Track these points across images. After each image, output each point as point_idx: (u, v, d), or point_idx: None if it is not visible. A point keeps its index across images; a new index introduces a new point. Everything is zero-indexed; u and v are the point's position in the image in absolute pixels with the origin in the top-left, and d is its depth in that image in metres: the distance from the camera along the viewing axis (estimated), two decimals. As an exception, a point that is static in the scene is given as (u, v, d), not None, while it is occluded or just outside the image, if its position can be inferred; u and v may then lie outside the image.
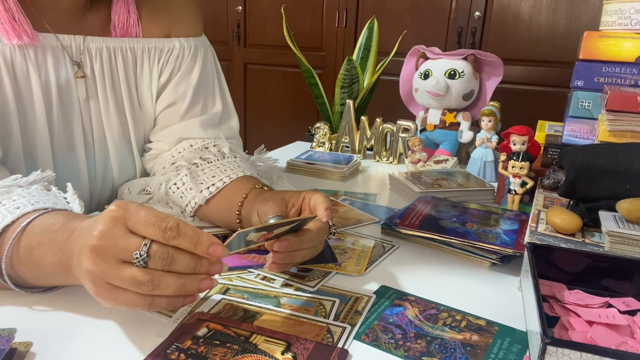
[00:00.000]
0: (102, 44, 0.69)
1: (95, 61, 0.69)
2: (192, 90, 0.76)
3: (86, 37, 0.68)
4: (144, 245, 0.40)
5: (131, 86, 0.73)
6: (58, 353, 0.42)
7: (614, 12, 0.79)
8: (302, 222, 0.52)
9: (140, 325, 0.47)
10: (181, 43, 0.75)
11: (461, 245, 0.64)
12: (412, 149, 0.99)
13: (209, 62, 0.79)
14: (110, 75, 0.71)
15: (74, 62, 0.67)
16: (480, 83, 1.09)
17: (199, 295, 0.50)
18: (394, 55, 1.31)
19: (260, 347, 0.43)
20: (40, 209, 0.49)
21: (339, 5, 2.51)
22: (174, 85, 0.75)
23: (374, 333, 0.47)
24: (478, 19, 2.24)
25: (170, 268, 0.41)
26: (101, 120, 0.71)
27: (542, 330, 0.38)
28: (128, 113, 0.73)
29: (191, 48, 0.76)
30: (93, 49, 0.69)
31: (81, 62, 0.68)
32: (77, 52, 0.68)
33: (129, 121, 0.73)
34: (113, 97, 0.71)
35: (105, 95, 0.70)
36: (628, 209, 0.53)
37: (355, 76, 1.25)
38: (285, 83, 2.71)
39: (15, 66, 0.63)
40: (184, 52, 0.76)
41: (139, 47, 0.72)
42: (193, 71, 0.76)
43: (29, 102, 0.65)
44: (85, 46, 0.68)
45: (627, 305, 0.49)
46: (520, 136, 0.77)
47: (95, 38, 0.69)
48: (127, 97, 0.72)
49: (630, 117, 0.68)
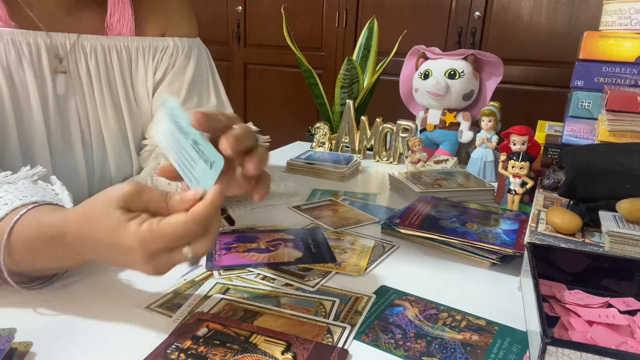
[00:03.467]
0: (96, 42, 0.71)
1: (90, 59, 0.70)
2: (186, 87, 0.77)
3: (80, 35, 0.69)
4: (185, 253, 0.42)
5: (127, 83, 0.74)
6: (58, 353, 0.42)
7: (614, 12, 0.79)
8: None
9: (140, 325, 0.47)
10: (175, 42, 0.77)
11: (461, 245, 0.64)
12: (412, 149, 0.99)
13: (203, 61, 0.81)
14: (106, 73, 0.72)
15: (56, 57, 0.68)
16: (480, 83, 1.09)
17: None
18: (394, 55, 1.31)
19: (260, 347, 0.43)
20: (28, 203, 0.48)
21: (339, 5, 2.51)
22: (169, 82, 0.76)
23: (374, 333, 0.47)
24: (478, 19, 2.24)
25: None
26: (98, 118, 0.72)
27: (542, 330, 0.38)
28: (125, 110, 0.74)
29: (185, 47, 0.78)
30: (87, 47, 0.70)
31: (65, 58, 0.68)
32: (63, 49, 0.68)
33: (126, 118, 0.74)
34: (109, 95, 0.72)
35: (102, 92, 0.71)
36: (628, 209, 0.53)
37: (355, 76, 1.25)
38: (285, 83, 2.71)
39: (10, 66, 0.64)
40: (177, 51, 0.77)
41: (134, 45, 0.74)
42: (187, 69, 0.78)
43: (25, 102, 0.66)
44: (79, 44, 0.69)
45: (627, 305, 0.49)
46: (520, 136, 0.77)
47: (90, 36, 0.70)
48: (123, 94, 0.73)
49: (630, 117, 0.68)
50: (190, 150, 0.44)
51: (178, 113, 0.44)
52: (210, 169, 0.42)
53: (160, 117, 0.46)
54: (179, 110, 0.44)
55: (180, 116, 0.44)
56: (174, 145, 0.45)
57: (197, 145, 0.43)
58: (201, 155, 0.43)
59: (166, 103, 0.45)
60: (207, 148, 0.42)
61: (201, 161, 0.43)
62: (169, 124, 0.45)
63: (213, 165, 0.42)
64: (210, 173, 0.42)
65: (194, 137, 0.43)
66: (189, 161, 0.45)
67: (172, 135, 0.45)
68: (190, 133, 0.43)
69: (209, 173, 0.43)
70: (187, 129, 0.43)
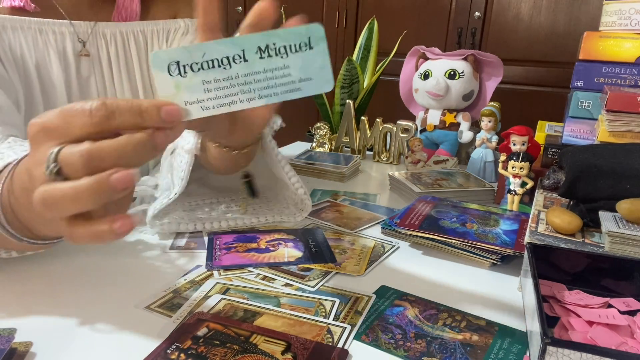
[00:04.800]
0: (115, 29, 0.76)
1: (110, 45, 0.75)
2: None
3: (99, 23, 0.74)
4: (50, 153, 0.34)
5: (143, 68, 0.79)
6: (58, 353, 0.42)
7: (613, 13, 0.79)
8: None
9: (140, 325, 0.47)
10: (186, 23, 0.81)
11: (461, 245, 0.64)
12: (412, 149, 0.99)
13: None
14: (124, 57, 0.77)
15: (79, 39, 0.73)
16: (480, 83, 1.09)
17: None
18: (394, 56, 1.31)
19: (260, 347, 0.43)
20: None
21: (339, 5, 2.51)
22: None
23: (374, 333, 0.47)
24: (478, 19, 2.24)
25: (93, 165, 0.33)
26: None
27: (542, 330, 0.38)
28: (141, 94, 0.81)
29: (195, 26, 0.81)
30: (108, 34, 0.76)
31: (89, 41, 0.74)
32: (86, 32, 0.74)
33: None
34: (127, 79, 0.78)
35: (120, 76, 0.78)
36: (628, 209, 0.53)
37: (355, 76, 1.25)
38: (285, 83, 2.70)
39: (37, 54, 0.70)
40: (188, 30, 0.81)
41: (149, 29, 0.78)
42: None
43: (49, 84, 0.72)
44: (99, 30, 0.74)
45: (627, 305, 0.49)
46: (520, 136, 0.77)
47: (109, 23, 0.75)
48: (139, 79, 0.80)
49: (630, 118, 0.68)
50: (257, 63, 0.33)
51: (182, 53, 0.34)
52: (308, 49, 0.32)
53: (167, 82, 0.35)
54: (181, 51, 0.34)
55: (188, 52, 0.33)
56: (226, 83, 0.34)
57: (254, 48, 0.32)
58: (277, 53, 0.33)
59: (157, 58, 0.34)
60: (269, 37, 0.31)
61: (284, 58, 0.32)
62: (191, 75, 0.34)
63: (310, 39, 0.31)
64: (312, 55, 0.31)
65: (241, 46, 0.32)
66: (275, 75, 0.33)
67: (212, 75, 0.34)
68: (227, 46, 0.32)
69: (310, 56, 0.31)
70: (216, 49, 0.33)
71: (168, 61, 0.34)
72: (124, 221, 0.35)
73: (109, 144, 0.33)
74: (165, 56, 0.34)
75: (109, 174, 0.33)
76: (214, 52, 0.34)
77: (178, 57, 0.34)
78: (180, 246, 0.64)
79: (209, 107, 0.35)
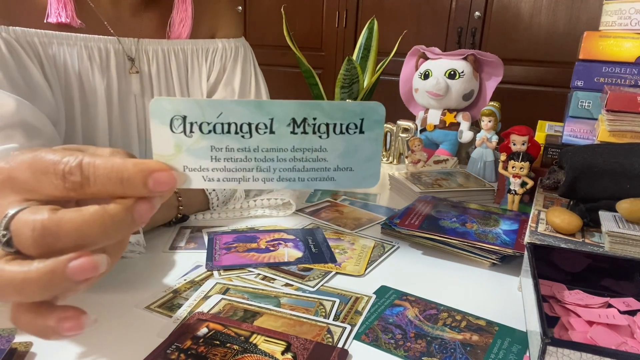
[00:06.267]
0: (157, 46, 0.75)
1: (152, 63, 0.74)
2: (236, 95, 0.81)
3: (142, 40, 0.73)
4: (5, 216, 0.28)
5: (183, 86, 0.78)
6: (58, 353, 0.42)
7: (614, 12, 0.79)
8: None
9: (140, 325, 0.47)
10: (223, 44, 0.81)
11: (461, 245, 0.64)
12: (412, 149, 0.99)
13: (247, 62, 0.84)
14: (165, 76, 0.76)
15: (128, 57, 0.72)
16: (480, 83, 1.09)
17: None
18: (394, 55, 1.31)
19: (260, 347, 0.43)
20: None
21: (339, 5, 2.51)
22: (223, 86, 0.80)
23: (374, 333, 0.47)
24: (478, 19, 2.24)
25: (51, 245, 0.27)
26: None
27: (542, 330, 0.38)
28: None
29: (232, 48, 0.81)
30: (150, 51, 0.74)
31: (135, 58, 0.73)
32: (130, 49, 0.73)
33: None
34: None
35: (160, 94, 0.75)
36: (628, 209, 0.53)
37: (355, 76, 1.24)
38: (286, 83, 2.70)
39: (81, 70, 0.69)
40: (226, 52, 0.81)
41: (189, 47, 0.78)
42: (235, 72, 0.81)
43: (92, 100, 0.70)
44: (142, 48, 0.73)
45: (627, 305, 0.49)
46: (520, 136, 0.77)
47: (152, 40, 0.74)
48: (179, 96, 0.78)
49: (630, 117, 0.68)
50: (286, 139, 0.27)
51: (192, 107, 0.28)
52: (357, 133, 0.26)
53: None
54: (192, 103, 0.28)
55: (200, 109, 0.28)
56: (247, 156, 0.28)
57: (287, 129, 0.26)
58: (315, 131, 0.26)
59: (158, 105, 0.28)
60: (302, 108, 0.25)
61: (323, 138, 0.26)
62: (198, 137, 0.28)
63: (364, 121, 0.26)
64: (360, 141, 0.26)
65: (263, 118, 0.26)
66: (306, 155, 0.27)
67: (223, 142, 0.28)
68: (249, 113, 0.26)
69: (358, 142, 0.26)
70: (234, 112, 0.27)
71: (173, 113, 0.28)
72: (76, 322, 0.28)
73: (72, 218, 0.27)
74: (170, 106, 0.28)
75: (66, 261, 0.27)
76: (232, 115, 0.28)
77: (186, 111, 0.28)
78: (180, 246, 0.64)
79: (212, 178, 0.29)
